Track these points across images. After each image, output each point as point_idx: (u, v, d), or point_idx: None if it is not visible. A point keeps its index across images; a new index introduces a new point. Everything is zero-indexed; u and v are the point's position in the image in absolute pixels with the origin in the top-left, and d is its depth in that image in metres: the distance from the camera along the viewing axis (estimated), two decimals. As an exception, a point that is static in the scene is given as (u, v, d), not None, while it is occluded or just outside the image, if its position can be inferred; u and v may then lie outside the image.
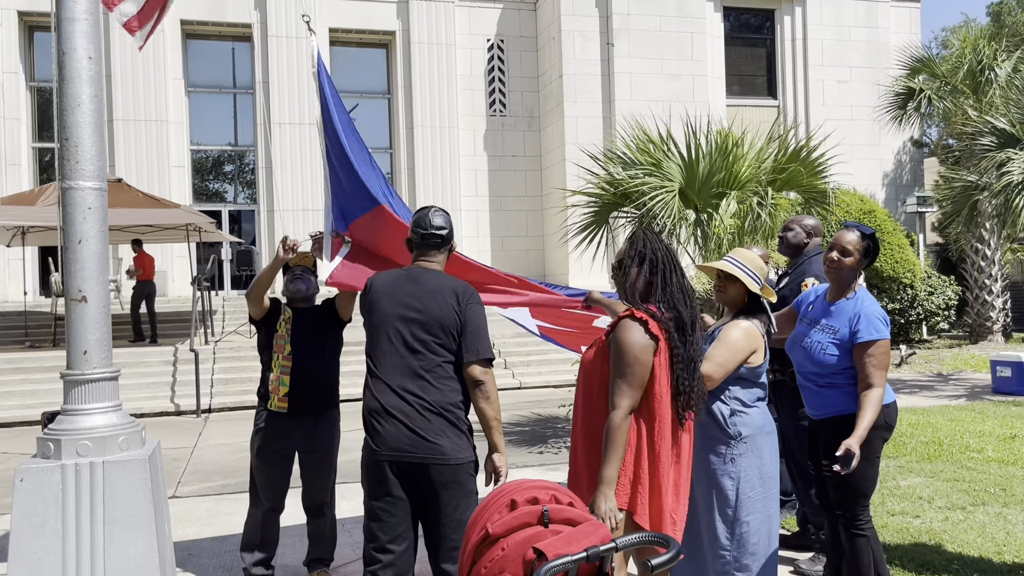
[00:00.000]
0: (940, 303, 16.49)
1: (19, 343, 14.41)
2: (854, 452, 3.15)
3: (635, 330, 2.78)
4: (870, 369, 3.34)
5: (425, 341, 3.13)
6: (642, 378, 2.76)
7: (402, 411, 3.08)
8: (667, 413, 2.81)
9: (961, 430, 8.28)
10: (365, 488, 3.16)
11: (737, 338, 3.21)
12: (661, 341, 2.80)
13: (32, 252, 17.71)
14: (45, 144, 18.68)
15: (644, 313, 2.82)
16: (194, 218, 13.50)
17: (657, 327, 2.80)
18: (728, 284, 3.33)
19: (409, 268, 3.30)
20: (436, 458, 3.06)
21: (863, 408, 3.31)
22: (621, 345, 2.77)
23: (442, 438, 3.07)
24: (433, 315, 3.13)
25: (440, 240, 3.30)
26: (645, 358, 2.76)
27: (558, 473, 6.98)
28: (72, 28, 3.15)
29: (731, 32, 20.53)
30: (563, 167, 18.91)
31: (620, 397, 2.75)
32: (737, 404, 3.21)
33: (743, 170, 7.93)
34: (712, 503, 3.17)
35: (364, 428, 3.17)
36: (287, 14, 18.76)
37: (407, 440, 3.06)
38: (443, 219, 3.32)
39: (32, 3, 17.69)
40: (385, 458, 3.07)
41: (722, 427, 3.19)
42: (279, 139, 18.68)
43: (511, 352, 13.94)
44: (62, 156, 3.17)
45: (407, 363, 3.12)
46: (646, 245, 2.92)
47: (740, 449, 3.17)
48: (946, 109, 16.91)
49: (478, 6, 20.20)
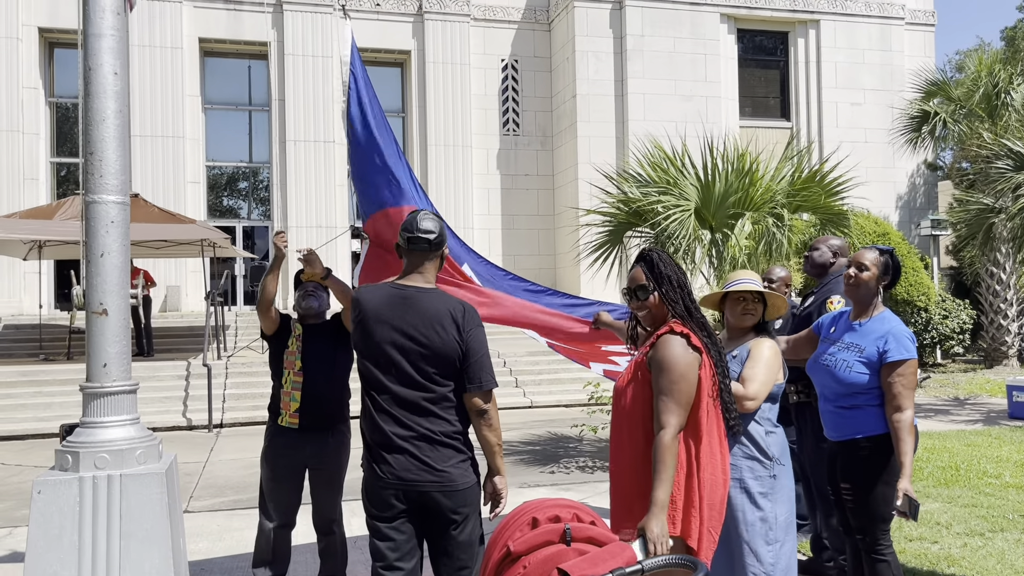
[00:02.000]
0: (955, 327, 16.37)
1: (34, 356, 14.48)
2: (911, 495, 3.14)
3: (678, 344, 2.73)
4: (899, 389, 3.31)
5: (428, 374, 3.03)
6: (689, 395, 2.70)
7: (411, 443, 3.01)
8: (715, 428, 2.77)
9: (978, 455, 8.20)
10: (369, 511, 3.12)
11: (770, 357, 3.19)
12: (704, 355, 2.77)
13: (48, 266, 17.84)
14: (63, 159, 18.86)
15: (684, 327, 2.78)
16: (208, 233, 13.59)
17: (699, 341, 2.76)
18: (757, 305, 3.30)
19: (402, 288, 3.12)
20: (445, 485, 3.02)
21: (900, 437, 3.27)
22: (664, 361, 2.71)
23: (449, 466, 3.03)
24: (435, 347, 3.02)
25: (428, 244, 3.12)
26: (691, 374, 2.70)
27: (570, 493, 6.95)
28: (99, 44, 3.19)
29: (744, 54, 20.59)
30: (576, 186, 18.94)
31: (668, 415, 2.67)
32: (768, 424, 3.19)
33: (759, 191, 7.92)
34: (754, 525, 3.09)
35: (368, 457, 3.10)
36: (304, 33, 18.95)
37: (415, 469, 3.01)
38: (432, 223, 3.14)
39: (53, 20, 17.93)
40: (392, 486, 3.03)
41: (761, 448, 3.13)
42: (294, 156, 18.81)
43: (522, 370, 13.90)
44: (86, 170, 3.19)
45: (412, 396, 3.02)
46: (667, 264, 2.91)
47: (776, 470, 3.14)
48: (961, 132, 16.87)
49: (493, 26, 20.35)
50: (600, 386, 8.97)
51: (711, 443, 2.76)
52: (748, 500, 3.09)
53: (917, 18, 21.75)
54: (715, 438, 2.78)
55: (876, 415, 3.38)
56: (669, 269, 2.89)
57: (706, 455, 2.75)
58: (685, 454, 2.74)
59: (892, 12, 20.89)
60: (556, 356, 14.45)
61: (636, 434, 2.82)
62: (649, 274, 2.90)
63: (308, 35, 18.97)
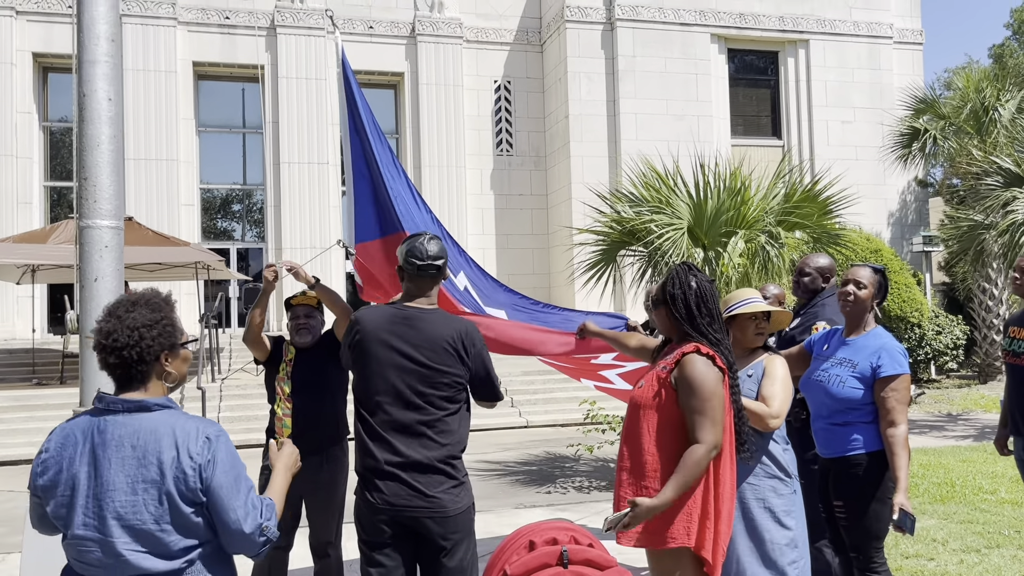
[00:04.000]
0: (948, 342, 16.41)
1: (27, 380, 14.41)
2: (908, 509, 3.15)
3: (701, 363, 2.81)
4: (893, 404, 3.32)
5: (427, 395, 3.00)
6: (721, 411, 2.79)
7: (402, 469, 2.97)
8: (728, 446, 2.84)
9: (973, 471, 8.20)
10: (361, 536, 3.08)
11: (786, 375, 3.22)
12: (725, 375, 2.84)
13: (41, 290, 17.80)
14: (56, 183, 18.87)
15: (709, 348, 2.85)
16: (202, 256, 13.59)
17: (722, 361, 2.84)
18: (766, 323, 3.34)
19: (404, 308, 3.10)
20: (436, 511, 2.98)
21: (895, 452, 3.28)
22: (692, 381, 2.79)
23: (440, 491, 2.99)
24: (436, 369, 3.00)
25: (436, 271, 3.13)
26: (720, 391, 2.79)
27: (567, 513, 6.92)
28: (93, 70, 3.22)
29: (735, 73, 20.76)
30: (570, 206, 19.01)
31: (705, 432, 2.75)
32: (783, 442, 3.20)
33: (751, 210, 7.97)
34: (780, 545, 3.07)
35: (360, 482, 3.08)
36: (297, 55, 19.05)
37: (405, 496, 2.97)
38: (438, 247, 3.13)
39: (47, 45, 18.00)
40: (383, 511, 3.00)
41: (782, 467, 3.14)
42: (288, 178, 18.86)
43: (518, 390, 13.89)
44: (80, 195, 3.21)
45: (407, 419, 2.99)
46: (682, 284, 2.96)
47: (794, 486, 3.16)
48: (951, 149, 17.01)
49: (485, 48, 20.49)
50: (596, 404, 8.96)
51: (724, 458, 2.82)
52: (773, 519, 3.09)
53: (905, 37, 21.97)
54: (728, 454, 2.85)
55: (869, 431, 3.39)
56: (678, 287, 2.94)
57: (725, 472, 2.81)
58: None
59: (880, 31, 21.11)
60: (551, 375, 14.44)
61: (650, 446, 2.85)
62: (661, 288, 3.00)
63: (301, 58, 19.07)
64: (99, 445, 1.99)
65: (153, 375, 2.08)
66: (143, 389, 2.08)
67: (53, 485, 2.01)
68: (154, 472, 1.96)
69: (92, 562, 1.97)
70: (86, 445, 2.01)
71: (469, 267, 4.74)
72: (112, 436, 1.99)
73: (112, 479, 1.96)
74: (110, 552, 1.95)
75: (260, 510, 2.05)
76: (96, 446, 2.00)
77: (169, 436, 1.99)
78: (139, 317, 2.06)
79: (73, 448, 2.02)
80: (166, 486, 1.95)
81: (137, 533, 1.95)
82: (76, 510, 1.98)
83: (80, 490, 1.99)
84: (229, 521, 1.99)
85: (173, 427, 2.01)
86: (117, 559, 1.95)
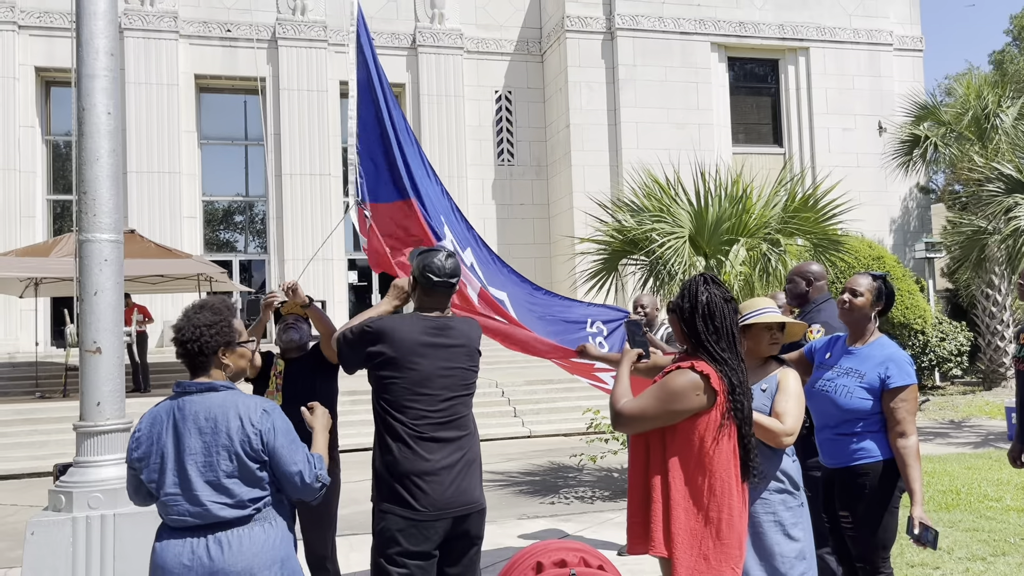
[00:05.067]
0: (952, 349, 16.36)
1: (30, 393, 14.41)
2: (927, 522, 3.13)
3: (683, 375, 2.76)
4: (903, 415, 3.29)
5: (462, 398, 3.19)
6: (666, 405, 2.73)
7: (451, 468, 3.09)
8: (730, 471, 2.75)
9: (978, 478, 8.16)
10: (399, 550, 3.01)
11: (798, 389, 3.18)
12: (720, 396, 2.75)
13: (45, 303, 17.83)
14: (59, 196, 18.92)
15: (708, 365, 2.77)
16: (205, 268, 13.60)
17: (718, 382, 2.75)
18: (780, 333, 3.31)
19: (435, 319, 3.20)
20: (474, 506, 3.13)
21: (908, 464, 3.25)
22: (664, 380, 2.78)
23: (477, 487, 3.17)
24: (470, 370, 3.22)
25: (450, 287, 3.25)
26: (682, 400, 2.73)
27: (571, 524, 6.90)
28: (92, 84, 3.22)
29: (736, 81, 20.79)
30: (571, 215, 19.02)
31: (638, 400, 2.77)
32: (791, 454, 3.18)
33: (752, 218, 7.96)
34: (789, 558, 3.04)
35: (401, 490, 3.03)
36: (298, 67, 19.12)
37: (453, 494, 3.07)
38: (454, 264, 3.25)
39: (50, 59, 18.08)
40: (432, 517, 3.02)
41: (791, 479, 3.12)
42: (290, 189, 18.89)
43: (520, 400, 13.85)
44: (80, 209, 3.21)
45: (448, 421, 3.13)
46: (692, 297, 2.88)
47: (801, 498, 3.13)
48: (952, 155, 17.00)
49: (486, 59, 20.55)
50: (599, 413, 8.94)
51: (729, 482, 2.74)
52: (782, 533, 3.06)
53: (905, 44, 22.01)
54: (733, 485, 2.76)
55: (876, 441, 3.36)
56: (689, 300, 2.88)
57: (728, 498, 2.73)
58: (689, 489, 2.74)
59: (880, 39, 21.15)
60: (554, 384, 14.41)
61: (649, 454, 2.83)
62: (677, 297, 2.95)
63: (303, 69, 19.13)
64: (179, 420, 2.47)
65: (213, 365, 2.57)
66: (207, 376, 2.56)
67: (146, 456, 2.50)
68: (224, 438, 2.43)
69: (182, 512, 2.43)
70: (169, 422, 2.49)
71: (476, 245, 4.71)
72: (189, 412, 2.48)
73: (192, 445, 2.44)
74: (195, 503, 2.42)
75: (314, 463, 2.53)
76: (177, 421, 2.48)
77: (233, 409, 2.47)
78: (202, 318, 2.56)
79: (160, 425, 2.50)
80: (235, 448, 2.43)
81: (214, 486, 2.43)
82: (167, 473, 2.45)
83: (168, 457, 2.46)
84: (291, 473, 2.47)
85: (236, 402, 2.49)
86: (201, 508, 2.41)
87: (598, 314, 5.27)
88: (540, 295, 4.91)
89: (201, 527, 2.43)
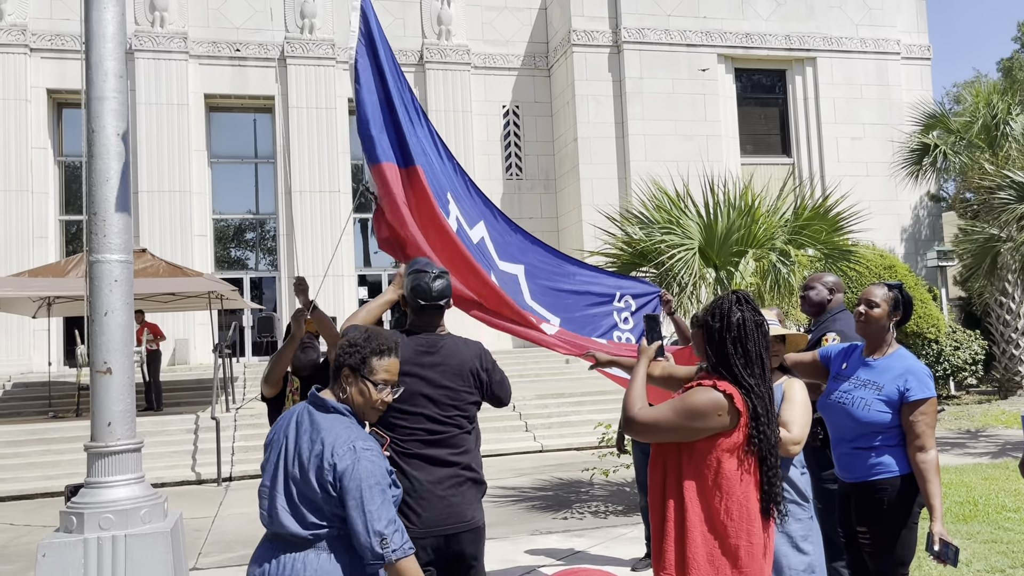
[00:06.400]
0: (967, 358, 16.23)
1: (43, 413, 14.46)
2: (947, 539, 3.07)
3: (704, 392, 2.59)
4: (923, 428, 3.23)
5: (454, 418, 3.16)
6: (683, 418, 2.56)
7: (438, 486, 3.08)
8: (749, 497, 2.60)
9: (996, 489, 8.07)
10: None
11: (804, 398, 3.14)
12: (743, 417, 2.59)
13: (58, 323, 17.92)
14: (72, 217, 19.05)
15: (729, 386, 2.61)
16: (215, 286, 13.65)
17: (742, 403, 2.59)
18: (781, 345, 3.28)
19: (425, 338, 3.22)
20: (466, 525, 3.09)
21: (927, 479, 3.19)
22: (684, 395, 2.62)
23: (469, 505, 3.12)
24: (460, 391, 3.18)
25: (439, 309, 3.26)
26: (704, 418, 2.56)
27: (583, 539, 6.85)
28: (102, 106, 3.24)
29: (743, 92, 20.80)
30: (580, 228, 19.02)
31: (655, 410, 2.61)
32: (800, 466, 3.15)
33: (761, 228, 7.94)
34: (799, 571, 3.01)
35: None
36: (307, 85, 19.24)
37: (442, 512, 3.06)
38: (442, 285, 3.24)
39: (61, 81, 18.26)
40: (419, 535, 3.01)
41: (800, 491, 3.08)
42: (299, 206, 18.98)
43: (531, 414, 13.82)
44: (90, 230, 3.22)
45: (437, 439, 3.12)
46: (722, 317, 2.69)
47: (811, 511, 3.10)
48: (962, 164, 16.92)
49: (493, 74, 20.64)
50: (611, 427, 8.89)
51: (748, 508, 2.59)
52: (790, 544, 3.03)
53: (913, 52, 21.98)
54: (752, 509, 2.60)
55: (895, 456, 3.30)
56: (718, 320, 2.69)
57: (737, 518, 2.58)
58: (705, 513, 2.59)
59: (887, 48, 21.13)
60: (565, 399, 14.37)
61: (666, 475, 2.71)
62: (706, 312, 2.77)
63: (312, 88, 19.25)
64: (298, 424, 2.49)
65: (336, 382, 2.53)
66: (330, 392, 2.54)
67: (271, 442, 2.54)
68: (308, 455, 2.38)
69: (264, 508, 2.45)
70: (292, 423, 2.51)
71: (493, 217, 4.56)
72: (303, 420, 2.48)
73: (291, 452, 2.44)
74: (272, 505, 2.41)
75: (385, 521, 2.30)
76: (296, 424, 2.49)
77: (328, 432, 2.40)
78: (352, 335, 2.57)
79: (289, 419, 2.53)
80: (311, 470, 2.36)
81: (288, 497, 2.39)
82: (270, 464, 2.48)
83: (279, 452, 2.47)
84: (352, 521, 2.31)
85: (333, 428, 2.42)
86: (273, 513, 2.40)
87: (628, 287, 5.09)
88: (568, 265, 4.81)
89: (276, 536, 2.41)
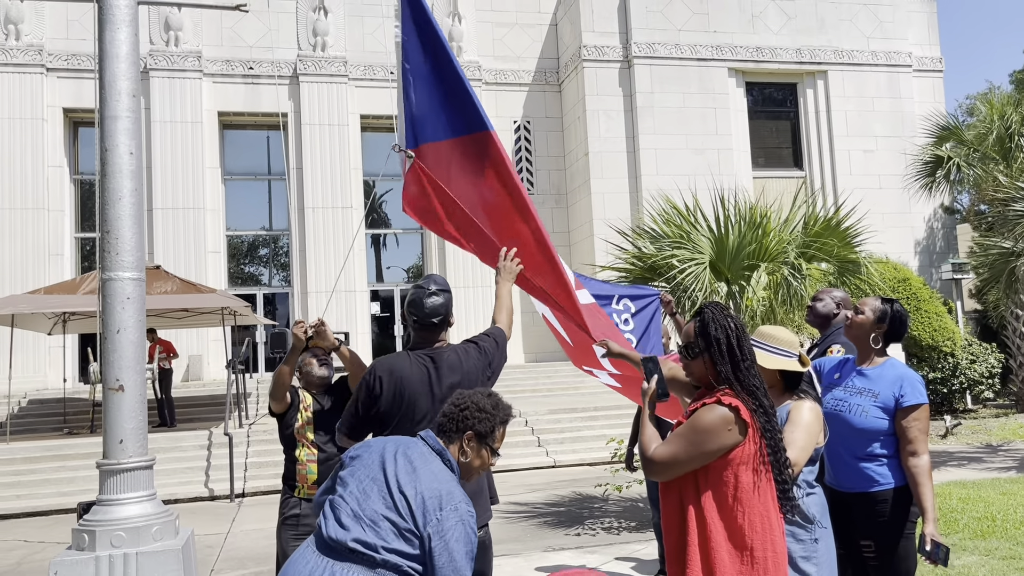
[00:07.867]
0: (983, 371, 16.08)
1: (58, 430, 14.54)
2: (939, 539, 3.09)
3: (715, 412, 2.60)
4: (916, 434, 3.29)
5: None
6: (699, 449, 2.58)
7: None
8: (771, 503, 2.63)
9: (1015, 504, 7.97)
10: None
11: (811, 421, 3.10)
12: (751, 428, 2.61)
13: (72, 340, 18.04)
14: (87, 234, 19.22)
15: (736, 398, 2.63)
16: (229, 302, 13.72)
17: (748, 414, 2.60)
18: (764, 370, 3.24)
19: (431, 354, 3.23)
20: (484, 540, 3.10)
21: (919, 482, 3.24)
22: (695, 418, 2.62)
23: (484, 518, 3.14)
24: None
25: (436, 325, 3.26)
26: (714, 437, 2.58)
27: (596, 556, 6.81)
28: (115, 125, 3.28)
29: (754, 106, 20.79)
30: (591, 242, 19.02)
31: (667, 445, 2.61)
32: (806, 487, 3.11)
33: (773, 242, 7.91)
34: None
35: None
36: (319, 102, 19.39)
37: None
38: (434, 303, 3.25)
39: (77, 100, 18.47)
40: None
41: (801, 512, 3.05)
42: (312, 223, 19.08)
43: (544, 429, 13.77)
44: (103, 248, 3.25)
45: None
46: (720, 325, 2.71)
47: (818, 533, 3.05)
48: (976, 176, 16.82)
49: (504, 89, 20.73)
50: (623, 443, 8.85)
51: (769, 518, 2.62)
52: (790, 566, 2.98)
53: (924, 65, 21.93)
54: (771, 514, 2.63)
55: (893, 466, 3.35)
56: (720, 331, 2.71)
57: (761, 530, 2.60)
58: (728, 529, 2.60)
59: (899, 60, 21.09)
60: (578, 414, 14.32)
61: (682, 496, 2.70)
62: (698, 333, 2.75)
63: (324, 104, 19.40)
64: (397, 452, 2.41)
65: (455, 443, 2.48)
66: (447, 444, 2.48)
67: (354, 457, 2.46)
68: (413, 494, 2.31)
69: (327, 514, 2.36)
70: (395, 454, 2.41)
71: None
72: (411, 455, 2.40)
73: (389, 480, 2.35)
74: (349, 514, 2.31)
75: None
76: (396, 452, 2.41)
77: (439, 482, 2.33)
78: (478, 399, 2.54)
79: (384, 449, 2.43)
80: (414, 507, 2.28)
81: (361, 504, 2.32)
82: (351, 481, 2.38)
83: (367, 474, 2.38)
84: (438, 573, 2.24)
85: (440, 478, 2.36)
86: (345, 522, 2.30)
87: (625, 291, 5.32)
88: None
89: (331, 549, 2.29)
